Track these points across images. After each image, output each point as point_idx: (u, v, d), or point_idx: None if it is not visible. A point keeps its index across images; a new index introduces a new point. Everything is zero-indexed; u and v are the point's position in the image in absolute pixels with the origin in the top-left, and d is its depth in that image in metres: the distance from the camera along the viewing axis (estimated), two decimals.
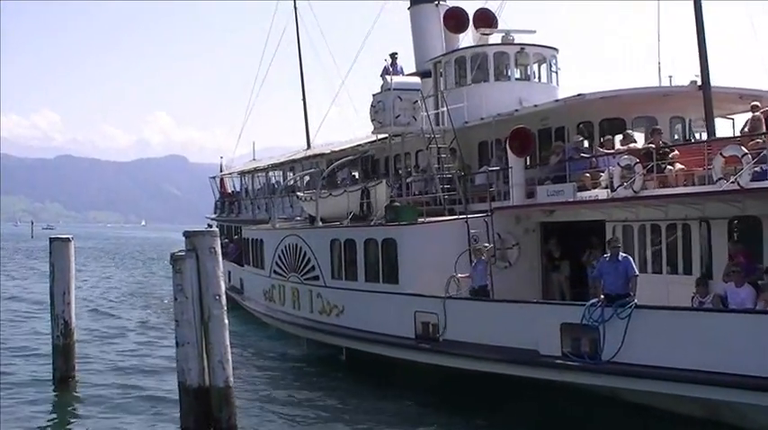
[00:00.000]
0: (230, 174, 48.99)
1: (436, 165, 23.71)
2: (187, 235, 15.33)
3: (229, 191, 51.34)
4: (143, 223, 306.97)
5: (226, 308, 15.08)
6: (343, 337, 21.97)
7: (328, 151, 31.84)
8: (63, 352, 20.08)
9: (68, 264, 20.14)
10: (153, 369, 22.86)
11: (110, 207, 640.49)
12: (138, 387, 20.44)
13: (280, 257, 26.40)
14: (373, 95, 24.55)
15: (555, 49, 27.02)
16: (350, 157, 26.23)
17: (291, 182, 30.38)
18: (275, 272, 26.92)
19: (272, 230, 27.93)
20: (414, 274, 19.82)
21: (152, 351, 26.04)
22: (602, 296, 15.76)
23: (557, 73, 27.06)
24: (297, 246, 24.86)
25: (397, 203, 21.46)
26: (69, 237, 20.88)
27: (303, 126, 48.19)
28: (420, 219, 20.42)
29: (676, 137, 22.51)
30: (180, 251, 15.06)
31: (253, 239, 30.37)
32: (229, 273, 36.70)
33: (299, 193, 28.32)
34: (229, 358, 14.99)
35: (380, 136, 26.01)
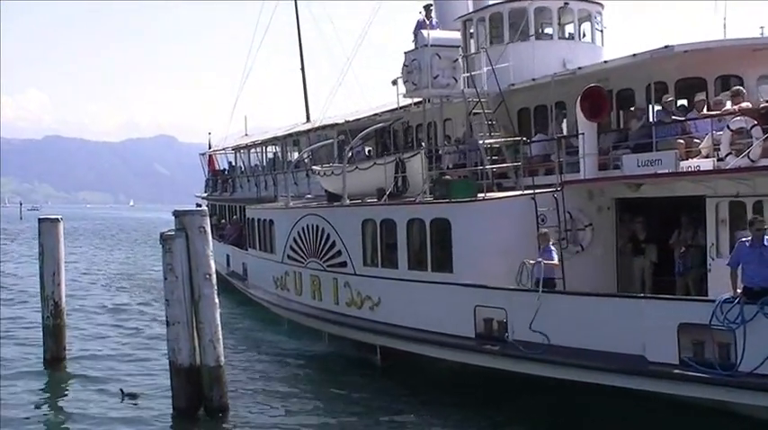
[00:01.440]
0: (223, 150, 44.48)
1: (481, 134, 19.71)
2: (177, 214, 14.87)
3: (218, 168, 47.15)
4: (131, 203, 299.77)
5: (216, 287, 14.63)
6: (378, 334, 17.97)
7: (341, 121, 27.65)
8: (53, 332, 19.57)
9: (58, 244, 19.57)
10: (144, 349, 22.16)
11: (99, 187, 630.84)
12: (130, 366, 19.88)
13: (295, 240, 22.30)
14: (405, 53, 20.45)
15: (600, 4, 22.99)
16: (381, 124, 22.00)
17: (305, 155, 26.16)
18: (289, 257, 22.83)
19: (285, 210, 23.78)
20: (472, 261, 15.82)
21: (143, 331, 25.16)
22: (738, 290, 11.92)
23: (602, 32, 23.05)
24: (318, 227, 20.76)
25: (448, 177, 17.36)
26: (58, 217, 20.16)
27: (300, 105, 43.81)
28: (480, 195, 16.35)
29: (762, 100, 18.61)
30: (169, 230, 14.62)
31: (260, 220, 26.19)
32: (228, 257, 32.68)
33: (314, 167, 24.14)
34: (220, 337, 14.58)
35: (411, 100, 22.00)
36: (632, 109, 16.93)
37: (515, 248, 15.48)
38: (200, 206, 30.47)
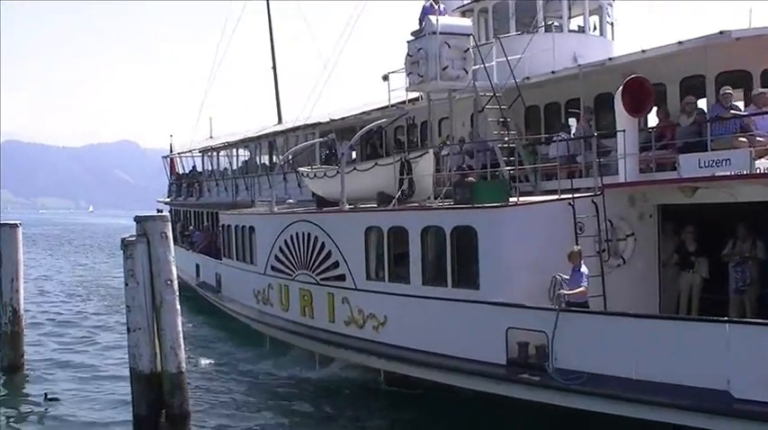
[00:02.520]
0: (189, 152, 41.21)
1: (495, 132, 17.23)
2: (138, 220, 14.62)
3: (180, 172, 44.01)
4: (91, 209, 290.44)
5: (178, 293, 14.38)
6: (384, 358, 15.30)
7: (326, 119, 24.92)
8: (11, 339, 19.34)
9: (16, 250, 19.48)
10: (104, 355, 21.92)
11: (60, 193, 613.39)
12: (90, 373, 19.67)
13: (282, 250, 19.49)
14: (408, 43, 17.90)
15: None
16: (385, 120, 19.24)
17: (290, 156, 23.30)
18: (274, 268, 20.01)
19: (269, 216, 20.93)
20: (502, 276, 13.22)
21: (102, 337, 24.97)
22: None
23: (612, 25, 20.90)
24: (310, 235, 18.00)
25: (471, 178, 14.75)
26: (17, 222, 20.09)
27: (270, 107, 40.96)
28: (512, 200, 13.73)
29: None
30: (131, 236, 14.42)
31: (238, 227, 23.30)
32: (198, 266, 29.68)
33: (301, 169, 21.33)
34: (182, 344, 14.30)
35: (404, 97, 19.49)
36: (683, 102, 14.49)
37: (549, 261, 12.97)
38: (161, 212, 27.57)
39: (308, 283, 18.09)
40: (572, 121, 18.36)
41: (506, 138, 16.72)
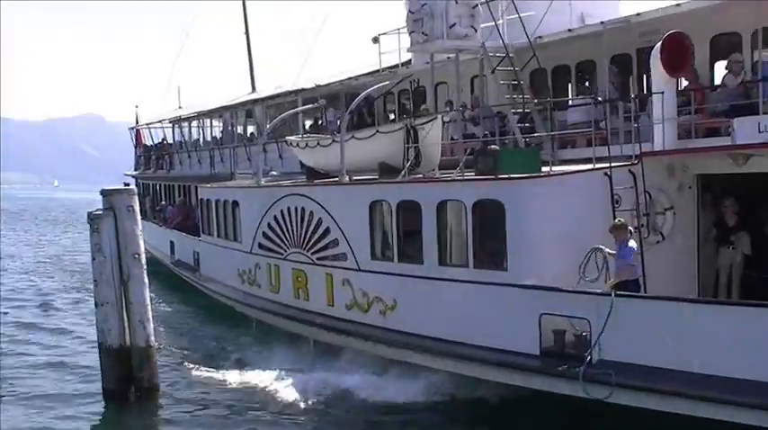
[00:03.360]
0: (159, 122, 38.77)
1: (507, 96, 15.52)
2: (104, 193, 14.41)
3: (148, 144, 41.66)
4: (56, 184, 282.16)
5: (145, 267, 14.32)
6: (394, 346, 13.63)
7: (311, 85, 22.94)
8: None
9: None
10: (72, 330, 21.50)
11: (24, 168, 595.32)
12: (58, 348, 19.30)
13: (271, 226, 17.65)
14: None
15: None
16: (389, 83, 17.24)
17: (278, 124, 21.24)
18: (262, 246, 18.18)
19: (256, 189, 19.01)
20: (534, 256, 11.61)
21: (71, 312, 24.58)
22: None
23: None
24: (304, 210, 16.18)
25: (494, 147, 12.99)
26: None
27: (243, 76, 38.41)
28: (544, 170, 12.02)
29: None
30: (97, 210, 14.24)
31: (219, 201, 21.34)
32: (173, 243, 27.67)
33: (289, 138, 19.39)
34: (150, 317, 14.24)
35: (397, 60, 17.71)
36: (730, 60, 12.90)
37: (583, 239, 11.37)
38: (127, 185, 25.58)
39: (303, 263, 16.32)
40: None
41: (522, 103, 15.00)
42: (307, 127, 24.70)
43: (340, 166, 15.24)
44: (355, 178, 15.57)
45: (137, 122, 44.26)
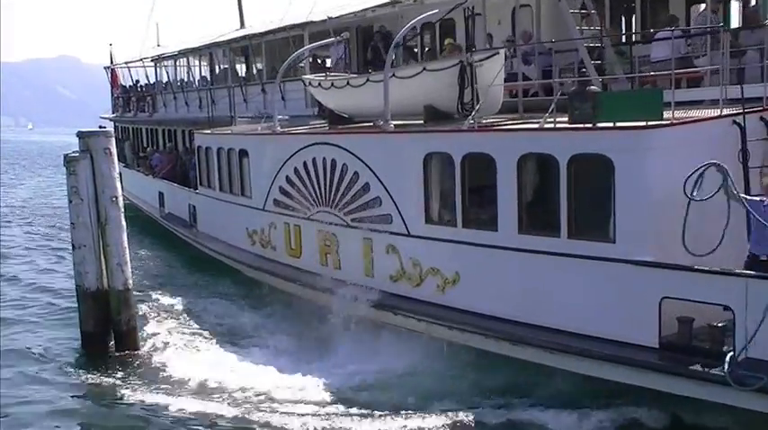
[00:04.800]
0: (141, 61, 35.62)
1: (578, 28, 13.09)
2: (81, 135, 14.32)
3: (126, 85, 38.58)
4: (30, 127, 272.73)
5: (123, 210, 14.32)
6: (457, 328, 11.42)
7: (321, 18, 20.19)
8: None
9: None
10: (49, 273, 21.79)
11: None
12: (36, 292, 19.44)
13: (290, 181, 15.21)
14: None
15: None
16: (436, 12, 14.61)
17: (295, 62, 18.46)
18: (278, 203, 15.77)
19: (270, 137, 16.45)
20: (651, 225, 9.35)
21: (47, 255, 24.68)
22: None
23: None
24: (335, 162, 13.73)
25: (593, 88, 10.55)
26: None
27: (231, 12, 35.14)
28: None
29: None
30: (73, 152, 14.15)
31: (221, 150, 18.79)
32: (162, 195, 25.14)
33: (306, 78, 16.79)
34: (128, 260, 14.29)
35: None
36: None
37: (708, 205, 9.13)
38: (103, 128, 23.00)
39: (333, 225, 13.96)
40: None
41: (600, 36, 12.60)
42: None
43: (384, 110, 12.73)
44: (407, 124, 13.10)
45: (111, 62, 41.12)
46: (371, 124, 15.24)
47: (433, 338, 11.97)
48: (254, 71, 26.74)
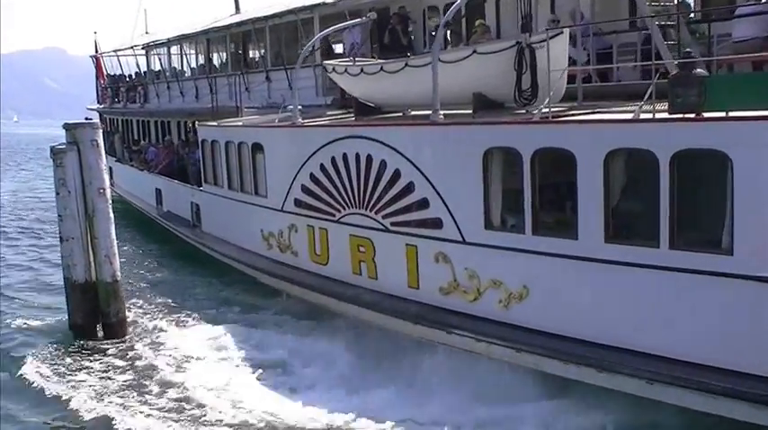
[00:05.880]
0: (131, 48, 33.75)
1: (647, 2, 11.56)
2: (68, 127, 14.42)
3: (113, 74, 36.80)
4: (15, 119, 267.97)
5: (111, 202, 14.54)
6: (526, 350, 9.91)
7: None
8: None
9: None
10: (37, 266, 21.90)
11: None
12: (24, 284, 19.64)
13: (315, 178, 13.62)
14: None
15: None
16: None
17: (316, 45, 16.67)
18: (300, 202, 14.18)
19: (290, 129, 14.83)
20: None
21: (35, 248, 24.77)
22: None
23: None
24: (371, 158, 12.14)
25: (701, 71, 9.01)
26: None
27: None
28: None
29: None
30: (60, 144, 14.26)
31: (230, 143, 17.15)
32: (159, 192, 23.52)
33: (329, 63, 15.15)
34: (116, 252, 14.50)
35: None
36: None
37: None
38: (89, 119, 21.53)
39: (368, 229, 12.39)
40: None
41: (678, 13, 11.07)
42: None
43: (433, 98, 11.14)
44: (451, 118, 11.51)
45: (96, 50, 39.29)
46: (400, 115, 13.77)
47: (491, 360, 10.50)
48: (257, 58, 25.11)
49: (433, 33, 17.93)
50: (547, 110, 9.72)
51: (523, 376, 10.29)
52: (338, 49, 20.75)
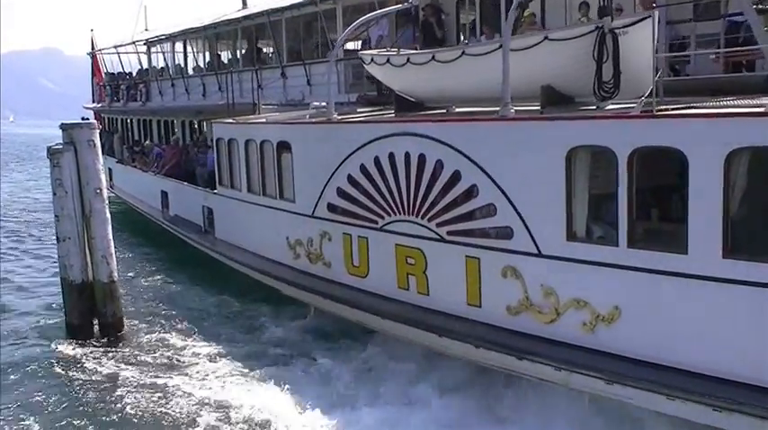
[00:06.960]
0: (133, 44, 32.27)
1: None
2: (64, 127, 14.58)
3: (112, 72, 35.42)
4: (11, 119, 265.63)
5: (107, 202, 14.65)
6: (615, 382, 8.57)
7: None
8: None
9: None
10: (34, 266, 21.97)
11: None
12: (21, 284, 19.49)
13: (353, 180, 12.24)
14: None
15: None
16: None
17: (349, 34, 15.31)
18: (334, 208, 12.80)
19: (324, 126, 13.44)
20: None
21: (32, 248, 24.88)
22: None
23: None
24: (423, 158, 10.78)
25: None
26: None
27: None
28: None
29: None
30: (57, 144, 14.37)
31: (250, 143, 15.74)
32: (166, 195, 22.16)
33: (365, 54, 13.77)
34: (113, 252, 14.62)
35: None
36: None
37: None
38: (86, 119, 20.40)
39: (418, 238, 11.02)
40: None
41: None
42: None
43: (503, 89, 9.77)
44: (529, 112, 10.15)
45: (93, 48, 38.00)
46: (444, 111, 12.43)
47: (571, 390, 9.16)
48: (270, 53, 23.78)
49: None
50: (650, 101, 8.34)
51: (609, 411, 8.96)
52: (348, 45, 19.58)
